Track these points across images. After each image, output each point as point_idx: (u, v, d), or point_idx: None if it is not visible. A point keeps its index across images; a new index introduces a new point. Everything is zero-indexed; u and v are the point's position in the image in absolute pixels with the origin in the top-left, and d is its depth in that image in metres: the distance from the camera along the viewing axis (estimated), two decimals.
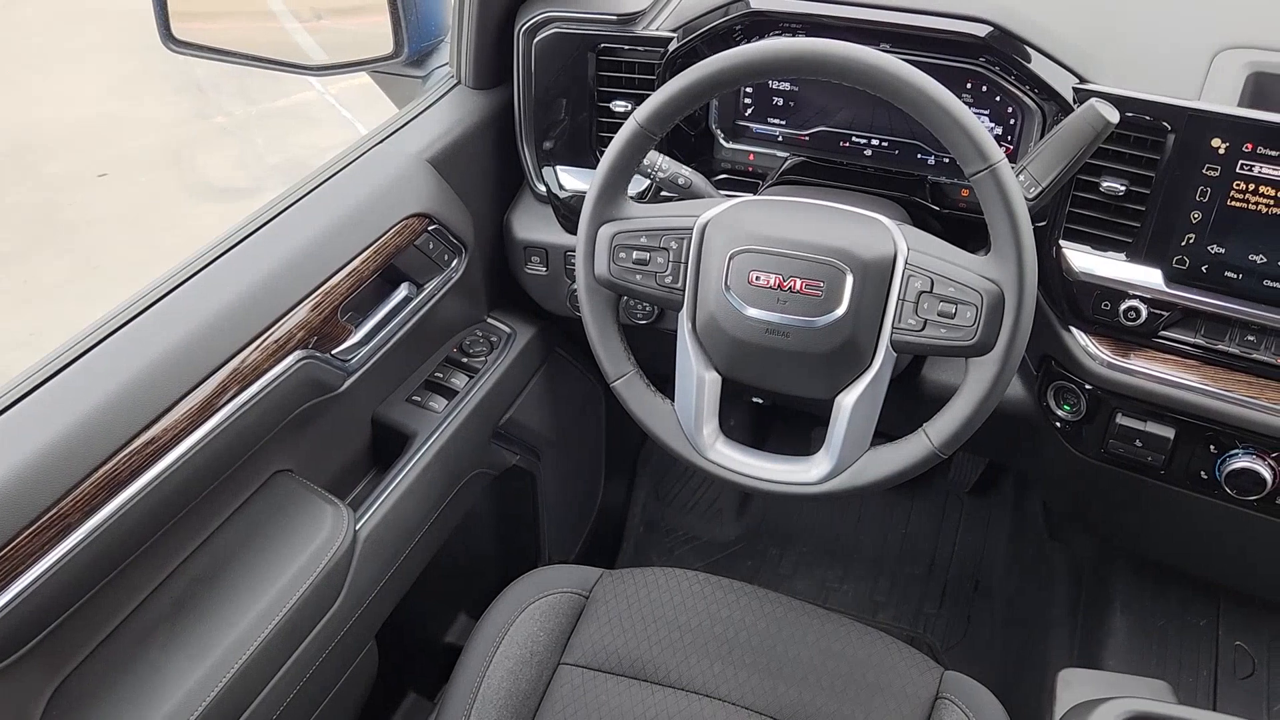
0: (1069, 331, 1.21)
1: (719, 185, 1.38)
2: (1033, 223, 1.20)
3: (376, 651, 1.30)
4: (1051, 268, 1.19)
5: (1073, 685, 1.03)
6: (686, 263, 1.10)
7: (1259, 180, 1.05)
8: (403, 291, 1.26)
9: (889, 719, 1.16)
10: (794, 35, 1.28)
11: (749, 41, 1.29)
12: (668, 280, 1.11)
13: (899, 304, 1.04)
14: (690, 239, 1.10)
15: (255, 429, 1.06)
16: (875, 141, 1.36)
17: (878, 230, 1.06)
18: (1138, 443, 1.19)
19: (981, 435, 1.45)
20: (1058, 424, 1.26)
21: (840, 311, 1.04)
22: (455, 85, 1.40)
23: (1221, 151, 1.06)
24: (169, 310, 1.03)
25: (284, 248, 1.12)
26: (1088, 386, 1.21)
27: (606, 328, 1.16)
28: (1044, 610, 1.70)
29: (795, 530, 2.05)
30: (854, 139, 1.37)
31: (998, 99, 1.26)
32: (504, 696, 1.20)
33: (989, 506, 1.98)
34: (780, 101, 1.38)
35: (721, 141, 1.41)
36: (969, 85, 1.27)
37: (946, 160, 1.30)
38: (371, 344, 1.21)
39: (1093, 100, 1.03)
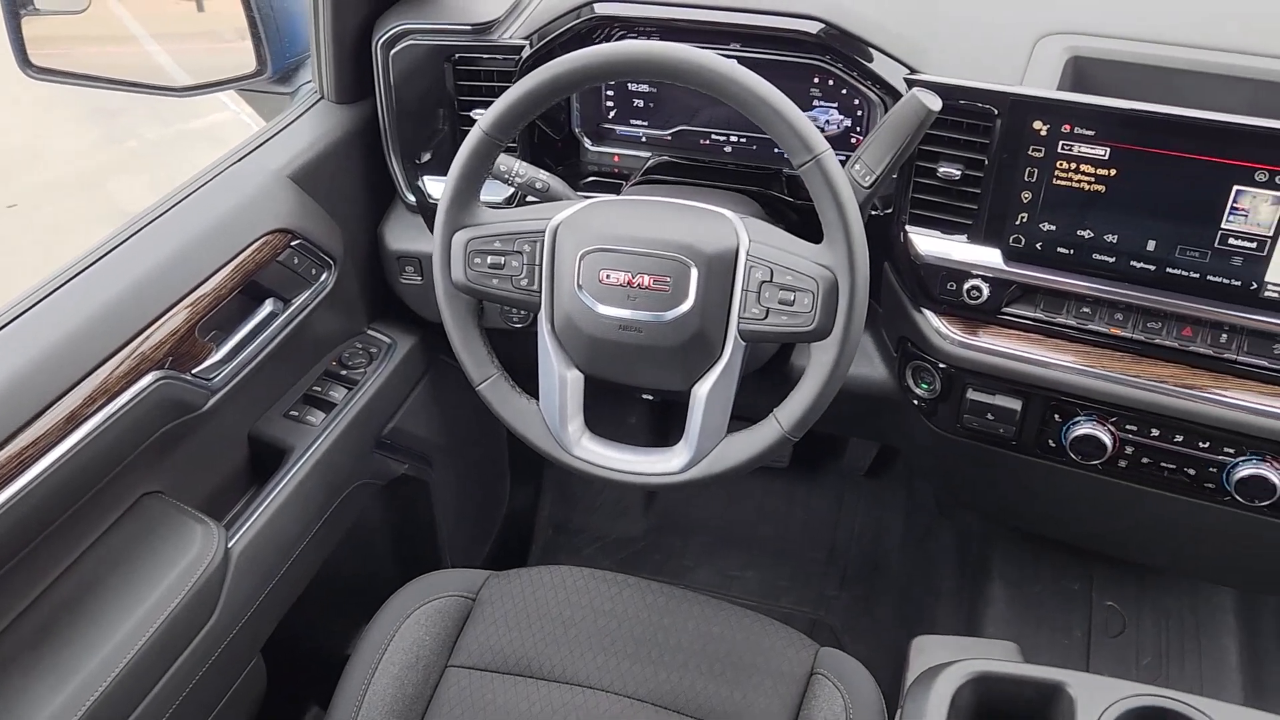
0: (921, 313, 1.26)
1: (587, 188, 1.42)
2: (878, 210, 1.26)
3: (264, 665, 1.30)
4: (900, 252, 1.24)
5: (925, 651, 1.07)
6: (541, 265, 1.13)
7: (1079, 159, 1.10)
8: (267, 307, 1.26)
9: (766, 697, 1.19)
10: (641, 38, 1.31)
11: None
12: (524, 283, 1.13)
13: (743, 294, 1.07)
14: (543, 242, 1.12)
15: (113, 451, 1.06)
16: (734, 138, 1.40)
17: (721, 224, 1.09)
18: (989, 416, 1.24)
19: (853, 417, 1.51)
20: (916, 402, 1.30)
21: (688, 305, 1.08)
22: (319, 100, 1.41)
23: (1043, 133, 1.11)
24: (17, 334, 1.02)
25: (137, 268, 1.12)
26: (941, 365, 1.25)
27: (468, 332, 1.18)
28: (934, 584, 1.76)
29: (699, 523, 2.09)
30: (714, 136, 1.40)
31: (844, 92, 1.31)
32: (390, 702, 1.21)
33: (883, 488, 2.03)
34: (641, 103, 1.42)
35: (587, 145, 1.44)
36: (816, 80, 1.31)
37: None
38: (237, 361, 1.21)
39: (914, 90, 1.08)
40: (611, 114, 1.43)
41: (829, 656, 1.24)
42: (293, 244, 1.27)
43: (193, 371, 1.15)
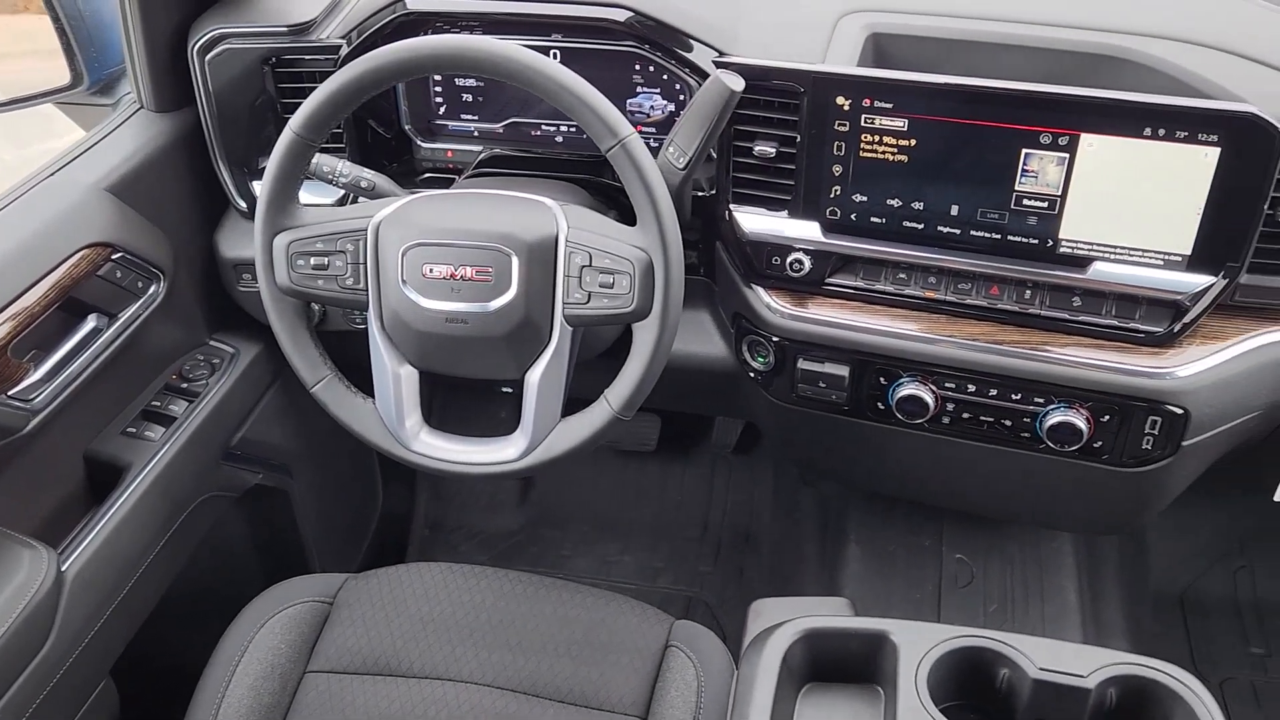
0: (752, 289, 1.30)
1: (422, 185, 1.42)
2: (704, 191, 1.30)
3: (114, 688, 1.28)
4: (727, 231, 1.28)
5: (762, 614, 1.11)
6: (365, 263, 1.13)
7: (881, 131, 1.15)
8: (90, 323, 1.23)
9: (622, 673, 1.22)
10: (457, 33, 1.31)
11: None
12: (349, 282, 1.13)
13: (565, 280, 1.09)
14: (365, 239, 1.12)
15: None
16: (565, 128, 1.42)
17: (541, 212, 1.11)
18: (821, 383, 1.29)
19: (699, 393, 1.55)
20: (754, 375, 1.34)
21: (511, 294, 1.09)
22: (138, 110, 1.38)
23: (846, 108, 1.15)
24: None
25: None
26: (774, 338, 1.29)
27: (298, 335, 1.18)
28: (800, 550, 1.81)
29: (574, 512, 2.11)
30: (544, 128, 1.42)
31: (664, 78, 1.34)
32: (246, 713, 1.20)
33: (752, 463, 2.08)
34: (471, 97, 1.42)
35: (418, 142, 1.44)
36: (638, 67, 1.34)
37: None
38: (60, 380, 1.18)
39: (717, 72, 1.11)
40: (441, 110, 1.43)
41: (683, 629, 1.27)
42: (114, 257, 1.25)
43: (9, 393, 1.12)
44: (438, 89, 1.42)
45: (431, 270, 1.10)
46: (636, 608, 1.29)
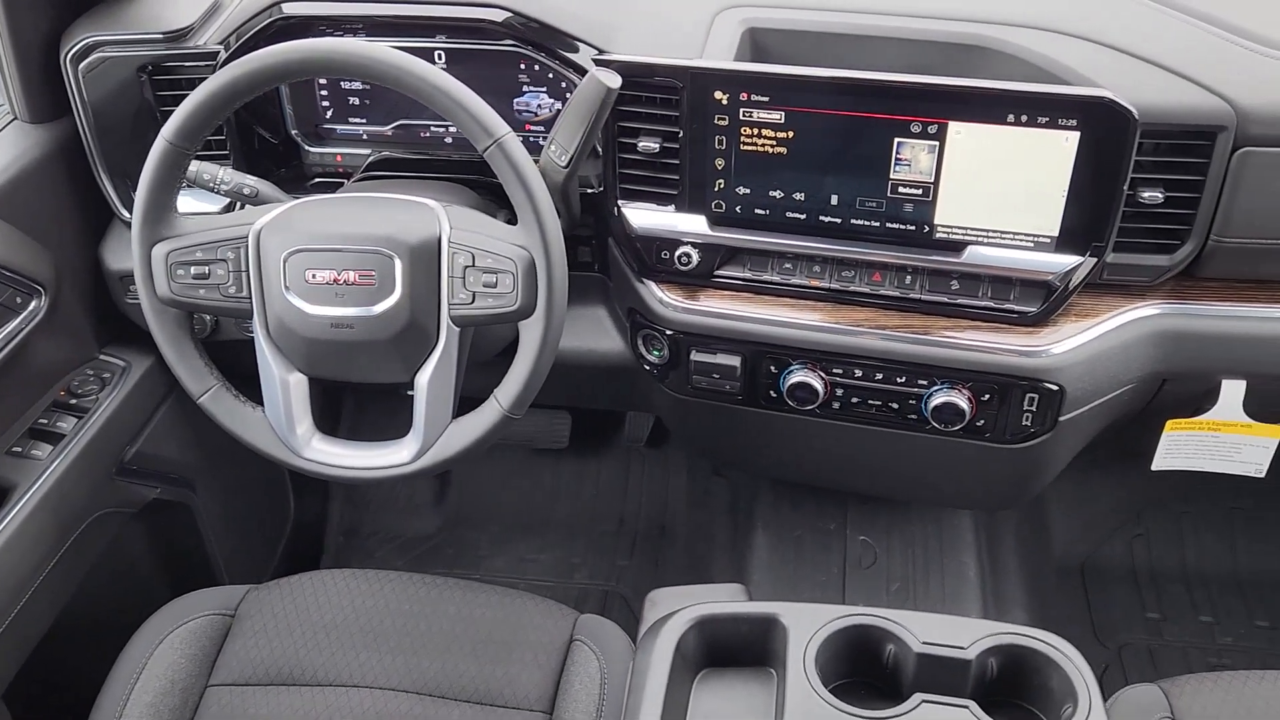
0: (644, 283, 1.31)
1: (312, 189, 1.41)
2: (593, 188, 1.31)
3: (7, 711, 1.25)
4: (617, 227, 1.29)
5: (658, 604, 1.12)
6: (247, 271, 1.12)
7: (759, 124, 1.17)
8: None
9: (527, 669, 1.23)
10: (339, 36, 1.31)
11: None
12: (232, 291, 1.12)
13: (450, 281, 1.09)
14: (246, 247, 1.11)
15: None
16: (454, 129, 1.41)
17: (423, 214, 1.11)
18: (714, 374, 1.31)
19: (599, 389, 1.56)
20: (649, 368, 1.36)
21: (396, 297, 1.09)
22: (11, 121, 1.35)
23: (724, 102, 1.17)
24: None
25: None
26: (668, 332, 1.31)
27: (182, 346, 1.16)
28: (712, 539, 1.84)
29: (491, 512, 2.11)
30: (433, 129, 1.42)
31: (550, 76, 1.34)
32: None
33: (665, 456, 2.10)
34: (358, 100, 1.41)
35: (306, 147, 1.43)
36: (523, 67, 1.34)
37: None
38: None
39: (592, 70, 1.12)
40: (329, 114, 1.42)
41: (587, 622, 1.28)
42: None
43: None
44: (324, 93, 1.41)
45: (314, 276, 1.09)
46: (541, 604, 1.30)
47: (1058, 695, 0.97)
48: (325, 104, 1.41)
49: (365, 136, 1.43)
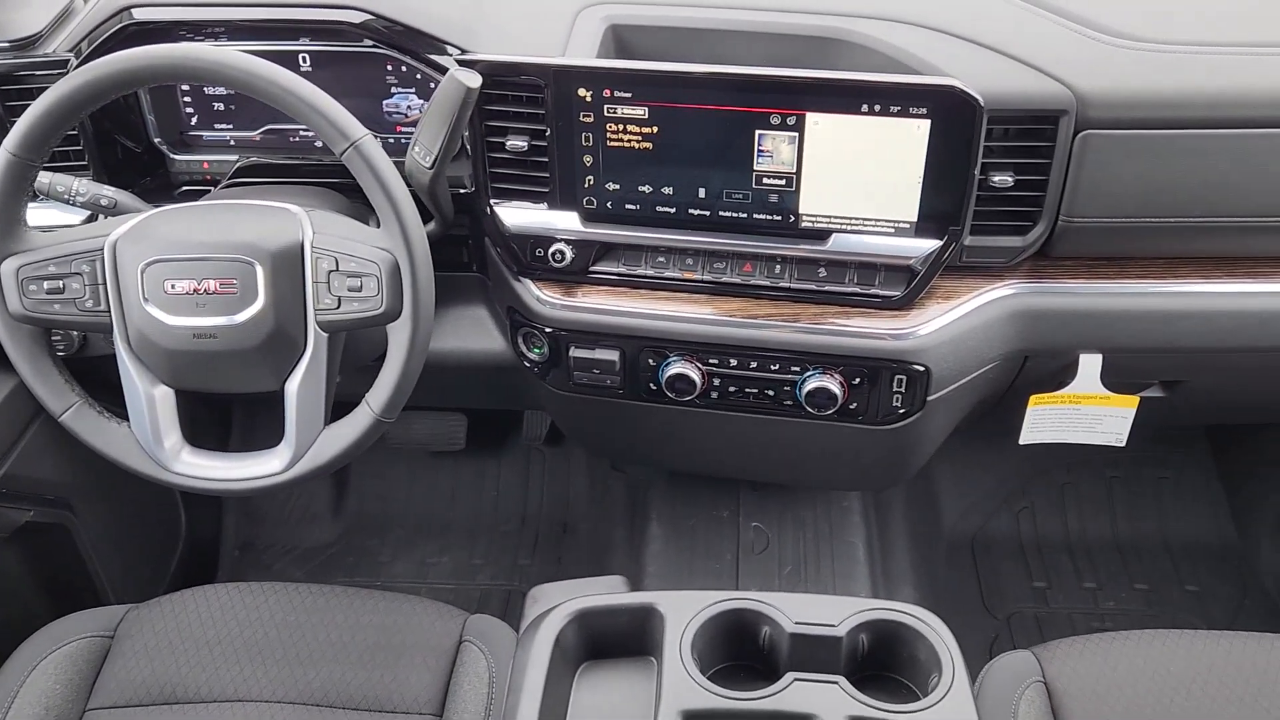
0: (521, 282, 1.31)
1: (180, 198, 1.38)
2: (466, 188, 1.30)
3: None
4: (491, 226, 1.29)
5: (539, 600, 1.13)
6: (104, 284, 1.09)
7: (624, 120, 1.18)
8: None
9: (417, 673, 1.22)
10: (209, 40, 1.28)
11: None
12: (89, 305, 1.10)
13: (314, 286, 1.08)
14: (102, 259, 1.09)
15: None
16: None
17: (285, 220, 1.10)
18: (595, 370, 1.32)
19: (485, 388, 1.56)
20: (530, 365, 1.36)
21: (259, 305, 1.07)
22: None
23: (588, 99, 1.18)
24: None
25: None
26: (547, 329, 1.31)
27: (39, 363, 1.13)
28: (611, 534, 1.85)
29: (391, 518, 2.09)
30: (302, 133, 1.40)
31: (418, 77, 1.34)
32: None
33: (565, 453, 2.11)
34: (222, 106, 1.39)
35: (171, 155, 1.40)
36: (390, 68, 1.33)
37: (390, 142, 1.36)
38: None
39: (451, 71, 1.12)
40: (194, 120, 1.39)
41: (477, 623, 1.28)
42: None
43: None
44: (187, 99, 1.38)
45: (173, 286, 1.07)
46: (430, 607, 1.29)
47: (925, 665, 1.00)
48: (189, 110, 1.38)
49: (233, 142, 1.40)
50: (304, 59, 1.31)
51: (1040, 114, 1.14)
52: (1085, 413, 1.35)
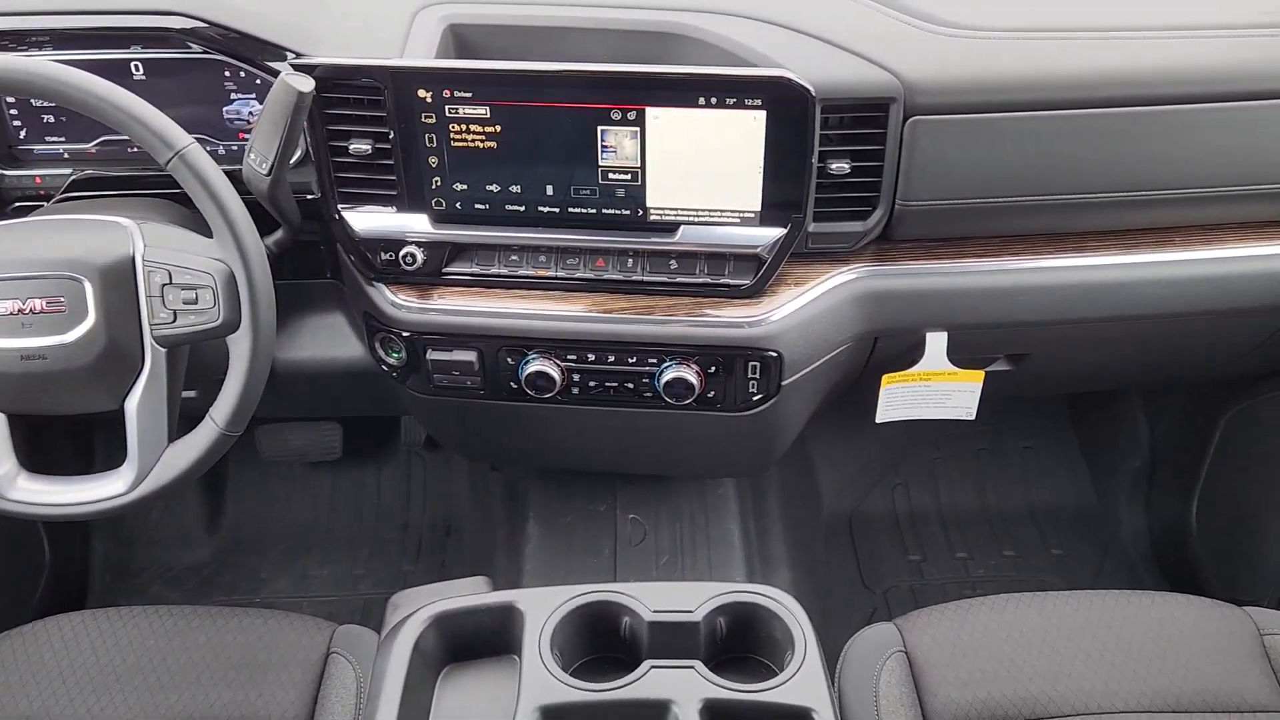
0: (374, 286, 1.30)
1: (13, 215, 1.32)
2: (314, 194, 1.28)
3: None
4: (340, 232, 1.27)
5: (400, 606, 1.12)
6: None
7: (467, 120, 1.18)
8: None
9: (283, 689, 1.20)
10: (33, 50, 1.24)
11: None
12: None
13: (149, 301, 1.05)
14: None
15: None
16: None
17: (115, 233, 1.07)
18: (454, 371, 1.31)
19: (347, 396, 1.54)
20: (389, 370, 1.35)
21: (89, 322, 1.04)
22: None
23: (429, 100, 1.17)
24: None
25: None
26: (404, 333, 1.30)
27: None
28: (493, 536, 1.84)
29: (270, 532, 2.05)
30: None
31: (259, 83, 1.31)
32: None
33: (446, 456, 2.09)
34: (53, 118, 1.33)
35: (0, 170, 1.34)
36: (227, 74, 1.30)
37: (221, 152, 1.32)
38: None
39: (282, 75, 1.10)
40: (23, 133, 1.34)
41: (345, 633, 1.26)
42: None
43: None
44: (13, 111, 1.32)
45: None
46: (296, 621, 1.27)
47: (781, 644, 1.02)
48: (17, 123, 1.33)
49: (66, 155, 1.35)
50: (137, 67, 1.27)
51: (870, 102, 1.17)
52: (935, 389, 1.40)
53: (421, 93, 1.17)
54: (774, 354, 1.26)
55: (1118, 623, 1.26)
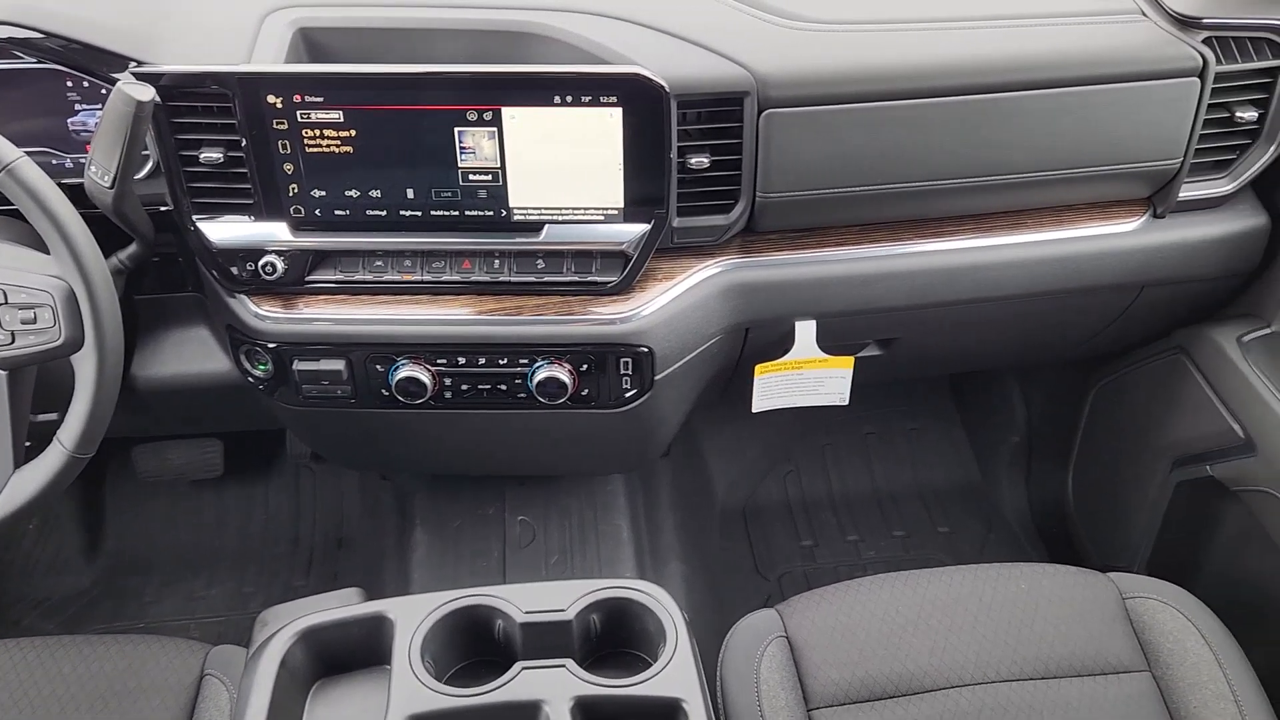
0: (236, 298, 1.27)
1: None
2: (167, 206, 1.25)
3: None
4: (197, 244, 1.23)
5: (269, 623, 1.10)
6: None
7: (320, 125, 1.16)
8: None
9: (154, 715, 1.17)
10: None
11: None
12: None
13: None
14: None
15: None
16: None
17: None
18: (323, 381, 1.29)
19: (217, 412, 1.50)
20: (256, 383, 1.32)
21: None
22: None
23: (279, 106, 1.14)
24: None
25: None
26: (269, 344, 1.27)
27: None
28: (383, 545, 1.82)
29: (153, 555, 1.99)
30: None
31: (104, 92, 1.26)
32: None
33: (335, 467, 2.05)
34: None
35: None
36: (70, 84, 1.25)
37: (69, 165, 1.28)
38: None
39: (119, 84, 1.06)
40: None
41: (220, 654, 1.24)
42: None
43: None
44: None
45: None
46: (169, 644, 1.24)
47: (655, 636, 1.03)
48: None
49: None
50: None
51: (725, 96, 1.18)
52: (808, 376, 1.42)
53: (271, 99, 1.14)
54: (645, 349, 1.27)
55: (989, 596, 1.30)
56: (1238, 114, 1.30)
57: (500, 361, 1.27)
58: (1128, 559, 1.73)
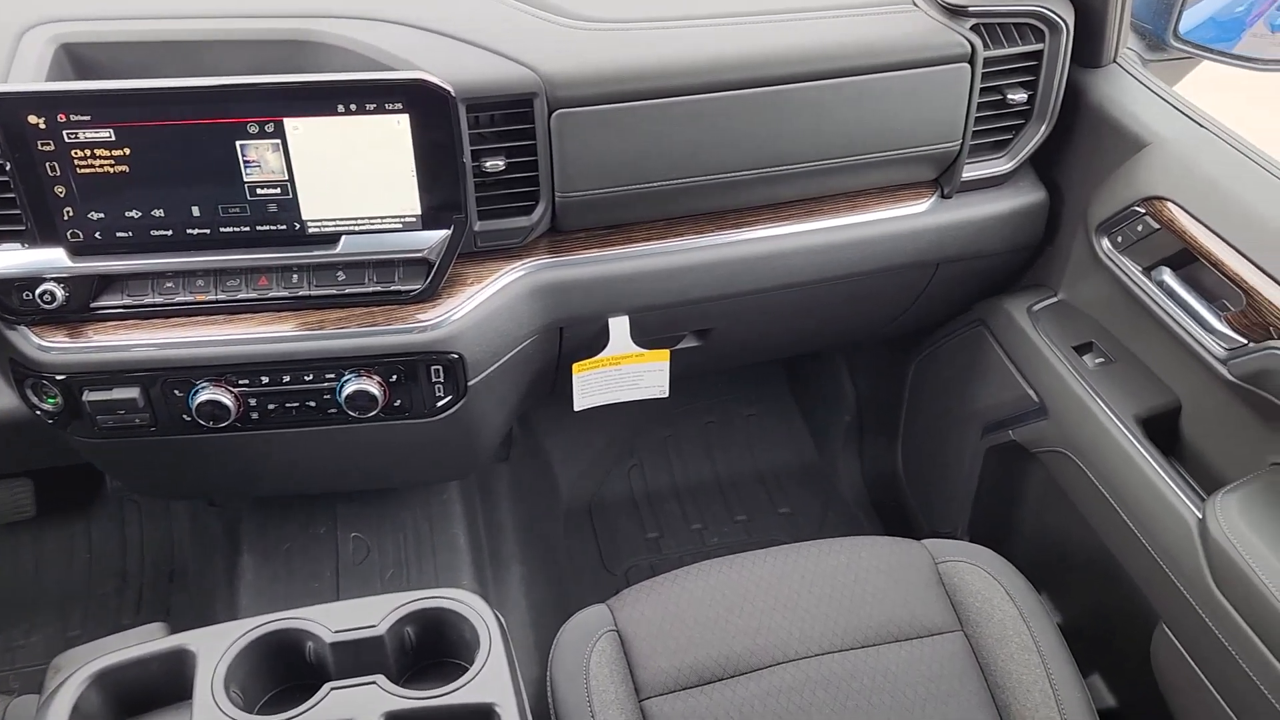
0: (15, 330, 1.20)
1: None
2: None
3: None
4: None
5: (62, 668, 1.05)
6: None
7: (90, 144, 1.10)
8: None
9: None
10: None
11: None
12: None
13: None
14: None
15: None
16: None
17: None
18: (119, 411, 1.23)
19: (16, 451, 1.42)
20: (46, 417, 1.25)
21: None
22: None
23: (42, 126, 1.09)
24: None
25: None
26: (57, 376, 1.21)
27: None
28: (210, 574, 1.76)
29: None
30: None
31: None
32: None
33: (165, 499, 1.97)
34: None
35: None
36: None
37: None
38: None
39: None
40: None
41: (20, 706, 1.17)
42: None
43: None
44: None
45: None
46: None
47: (472, 643, 1.02)
48: None
49: None
50: None
51: (514, 99, 1.18)
52: (626, 371, 1.44)
53: (33, 119, 1.08)
54: (455, 355, 1.26)
55: (810, 572, 1.34)
56: (1009, 96, 1.37)
57: (306, 378, 1.24)
58: (951, 525, 1.81)
